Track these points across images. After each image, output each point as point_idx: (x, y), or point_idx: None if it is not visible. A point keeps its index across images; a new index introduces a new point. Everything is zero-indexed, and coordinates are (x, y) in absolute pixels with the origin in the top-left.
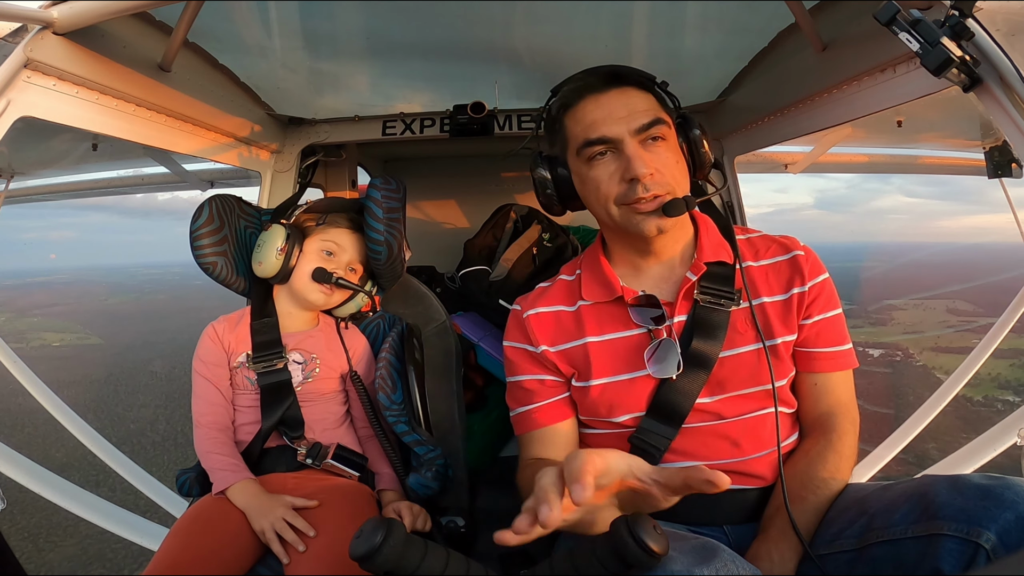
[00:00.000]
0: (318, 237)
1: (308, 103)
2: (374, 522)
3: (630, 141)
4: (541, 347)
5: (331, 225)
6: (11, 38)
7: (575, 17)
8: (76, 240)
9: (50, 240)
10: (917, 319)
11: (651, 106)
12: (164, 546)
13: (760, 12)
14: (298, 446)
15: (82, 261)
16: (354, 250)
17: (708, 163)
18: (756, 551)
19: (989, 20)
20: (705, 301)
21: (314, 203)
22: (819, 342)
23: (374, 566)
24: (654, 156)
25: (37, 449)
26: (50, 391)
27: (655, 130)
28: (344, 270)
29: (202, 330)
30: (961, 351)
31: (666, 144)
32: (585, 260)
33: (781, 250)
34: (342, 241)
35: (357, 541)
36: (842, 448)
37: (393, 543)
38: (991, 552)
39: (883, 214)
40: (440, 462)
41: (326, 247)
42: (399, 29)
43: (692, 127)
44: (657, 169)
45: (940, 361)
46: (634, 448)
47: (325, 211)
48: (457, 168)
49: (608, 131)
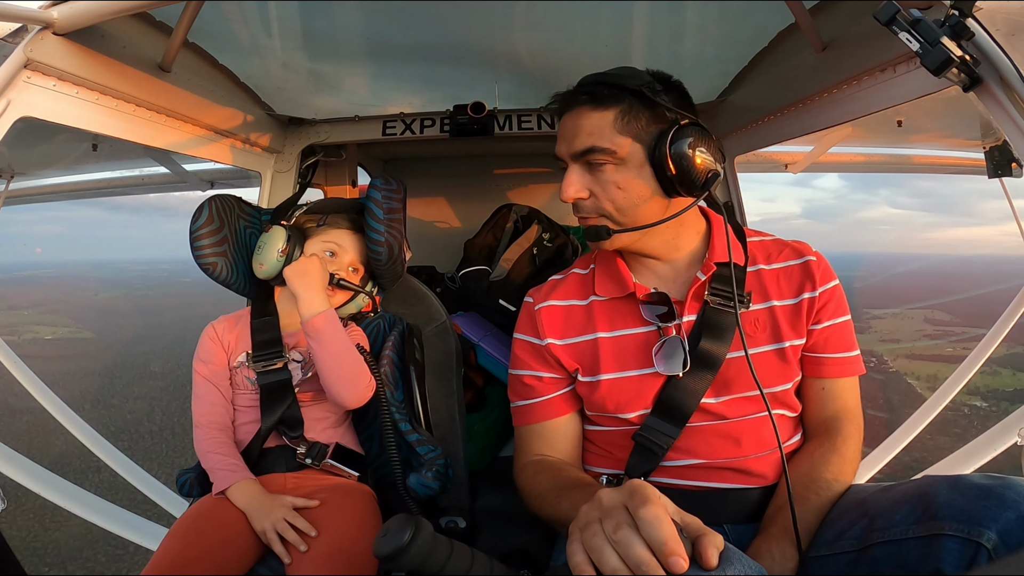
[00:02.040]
0: (319, 238)
1: (308, 103)
2: (401, 520)
3: (572, 163)
4: (547, 340)
5: (332, 226)
6: (11, 38)
7: (575, 17)
8: (63, 235)
9: (37, 234)
10: (895, 327)
11: (598, 130)
12: (164, 546)
13: (760, 12)
14: (297, 446)
15: (69, 256)
16: (355, 250)
17: (689, 180)
18: (757, 549)
19: (989, 20)
20: (715, 302)
21: (315, 204)
22: (828, 347)
23: (399, 565)
24: (595, 179)
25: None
26: (50, 391)
27: (590, 157)
28: (345, 271)
29: (195, 326)
30: (934, 359)
31: (613, 168)
32: (600, 256)
33: (793, 255)
34: (343, 242)
35: (382, 540)
36: (846, 451)
37: (421, 542)
38: (992, 552)
39: (869, 225)
40: (441, 462)
41: (328, 248)
42: (399, 29)
43: (661, 143)
44: (593, 193)
45: (912, 367)
46: (638, 445)
47: (326, 212)
48: (457, 168)
49: (558, 150)
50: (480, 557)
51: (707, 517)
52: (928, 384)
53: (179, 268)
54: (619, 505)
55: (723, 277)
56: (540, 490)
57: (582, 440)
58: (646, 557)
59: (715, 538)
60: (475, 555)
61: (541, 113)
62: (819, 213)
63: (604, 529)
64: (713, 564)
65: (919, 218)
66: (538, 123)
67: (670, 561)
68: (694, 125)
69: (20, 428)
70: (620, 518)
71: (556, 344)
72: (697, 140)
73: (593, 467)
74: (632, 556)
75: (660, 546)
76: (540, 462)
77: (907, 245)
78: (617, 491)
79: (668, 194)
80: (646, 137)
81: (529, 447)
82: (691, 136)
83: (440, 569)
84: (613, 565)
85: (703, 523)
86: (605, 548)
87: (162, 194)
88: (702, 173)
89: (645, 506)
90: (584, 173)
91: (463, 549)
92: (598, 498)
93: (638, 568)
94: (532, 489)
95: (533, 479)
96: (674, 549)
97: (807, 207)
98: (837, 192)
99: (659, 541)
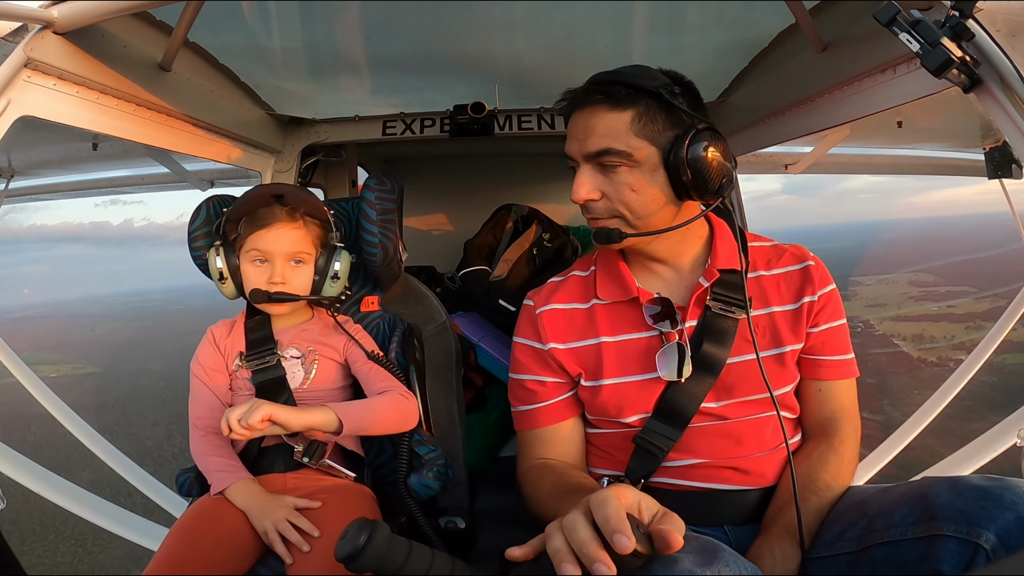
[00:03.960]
0: (244, 248)
1: (308, 103)
2: (358, 523)
3: (584, 164)
4: (550, 344)
5: (249, 228)
6: (11, 38)
7: (576, 18)
8: (51, 274)
9: (23, 275)
10: (879, 293)
11: (613, 131)
12: (164, 546)
13: (760, 12)
14: (295, 444)
15: (59, 295)
16: (285, 243)
17: (704, 186)
18: (758, 550)
19: (989, 21)
20: (716, 308)
21: (230, 209)
22: (825, 350)
23: (357, 566)
24: (607, 180)
25: (36, 448)
26: (50, 391)
27: (604, 159)
28: (279, 274)
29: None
30: (919, 318)
31: (627, 170)
32: (600, 258)
33: (793, 260)
34: (266, 243)
35: (341, 542)
36: (844, 452)
37: (376, 544)
38: (991, 553)
39: (852, 194)
40: (441, 462)
41: (253, 257)
42: (399, 28)
43: (678, 148)
44: (606, 194)
45: (898, 329)
46: (639, 448)
47: (241, 216)
48: (457, 168)
49: (568, 149)
50: (441, 557)
51: (707, 518)
52: (915, 344)
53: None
54: (586, 501)
55: (726, 283)
56: (542, 494)
57: (585, 443)
58: (586, 537)
59: (674, 518)
60: (435, 555)
61: (541, 113)
62: (800, 188)
63: (562, 521)
64: (673, 543)
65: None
66: (538, 123)
67: (614, 539)
68: (710, 130)
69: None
70: (580, 506)
71: (559, 348)
72: (713, 145)
73: (595, 469)
74: (574, 538)
75: (603, 524)
76: (543, 466)
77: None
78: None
79: (680, 198)
80: (662, 140)
81: (532, 451)
82: (707, 141)
83: (399, 569)
84: (555, 546)
85: (701, 523)
86: (555, 532)
87: (147, 224)
88: (717, 179)
89: (599, 495)
90: (596, 174)
91: (422, 549)
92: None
93: (579, 549)
94: (534, 493)
95: (536, 483)
96: (617, 527)
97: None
98: None
99: (602, 520)
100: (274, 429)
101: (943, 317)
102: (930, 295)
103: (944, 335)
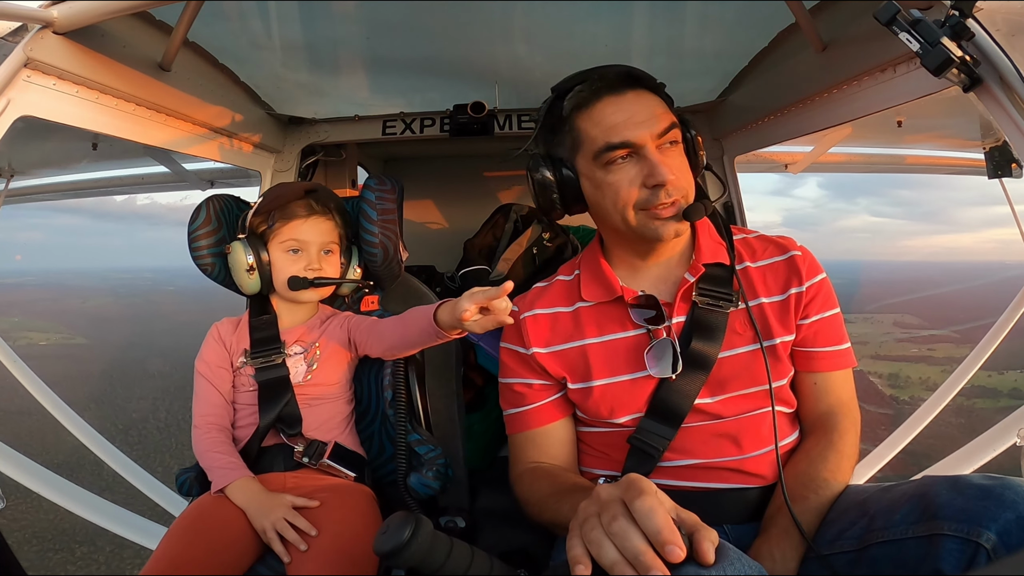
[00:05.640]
0: (276, 240)
1: (308, 103)
2: (401, 517)
3: (651, 146)
4: (532, 349)
5: (283, 221)
6: (11, 38)
7: (575, 17)
8: (44, 242)
9: (17, 241)
10: (864, 331)
11: (666, 110)
12: (163, 545)
13: (760, 12)
14: (295, 444)
15: (52, 264)
16: (319, 233)
17: (702, 164)
18: (758, 550)
19: (989, 20)
20: (703, 303)
21: (259, 203)
22: (818, 341)
23: (399, 562)
24: (671, 161)
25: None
26: (50, 391)
27: (672, 134)
28: (316, 261)
29: (187, 332)
30: (898, 359)
31: (679, 148)
32: (584, 260)
33: (778, 251)
34: (302, 234)
35: (383, 537)
36: (843, 447)
37: (421, 540)
38: (991, 552)
39: (849, 233)
40: (441, 461)
41: (287, 247)
42: (399, 28)
43: (691, 129)
44: (675, 174)
45: (876, 367)
46: (634, 448)
47: (271, 209)
48: (457, 168)
49: (631, 135)
50: (480, 555)
51: (706, 518)
52: (889, 382)
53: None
54: (616, 499)
55: (711, 277)
56: (539, 496)
57: (576, 444)
58: (642, 547)
59: (710, 533)
60: (475, 553)
61: (542, 111)
62: (799, 222)
63: (601, 522)
64: (709, 559)
65: (898, 226)
66: (539, 122)
67: (666, 550)
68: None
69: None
70: (616, 510)
71: (541, 352)
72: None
73: (590, 469)
74: (629, 547)
75: (655, 535)
76: (536, 469)
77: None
78: (615, 486)
79: None
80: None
81: (524, 455)
82: (694, 129)
83: (440, 567)
84: (611, 557)
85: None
86: (603, 541)
87: (150, 202)
88: (704, 161)
89: (640, 498)
90: (662, 156)
91: (463, 547)
92: (596, 493)
93: (635, 558)
94: (530, 496)
95: (531, 486)
96: (669, 538)
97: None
98: (817, 201)
99: (654, 531)
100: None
101: (922, 358)
102: (913, 338)
103: (919, 375)
